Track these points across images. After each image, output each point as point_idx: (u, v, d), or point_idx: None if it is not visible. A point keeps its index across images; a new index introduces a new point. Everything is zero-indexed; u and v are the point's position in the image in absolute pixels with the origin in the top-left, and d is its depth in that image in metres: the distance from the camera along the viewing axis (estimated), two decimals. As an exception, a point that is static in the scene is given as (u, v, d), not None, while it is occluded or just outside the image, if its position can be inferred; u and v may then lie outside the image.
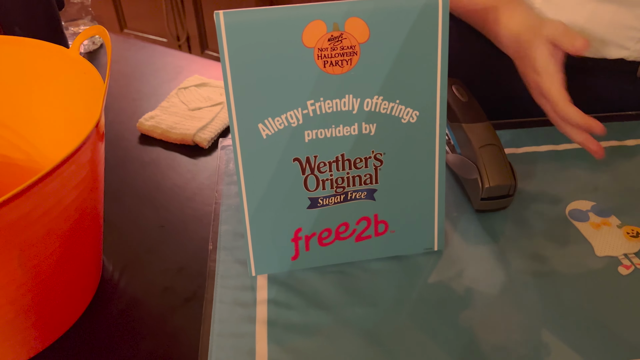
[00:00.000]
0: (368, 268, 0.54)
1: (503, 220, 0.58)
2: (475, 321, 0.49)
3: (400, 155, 0.50)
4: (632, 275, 0.52)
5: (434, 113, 0.49)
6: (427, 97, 0.48)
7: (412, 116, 0.49)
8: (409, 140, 0.49)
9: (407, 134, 0.49)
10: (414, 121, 0.49)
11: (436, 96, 0.48)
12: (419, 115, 0.49)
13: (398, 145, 0.50)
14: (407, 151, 0.50)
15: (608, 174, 0.64)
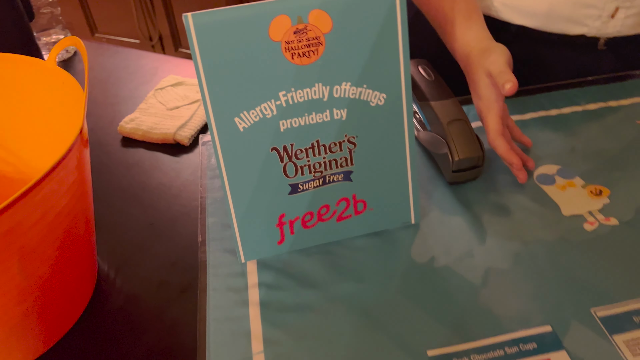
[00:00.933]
0: (351, 245, 0.57)
1: (475, 190, 0.62)
2: (457, 287, 0.52)
3: (372, 137, 0.53)
4: (597, 231, 0.56)
5: (400, 94, 0.52)
6: (392, 80, 0.51)
7: (380, 99, 0.51)
8: (378, 121, 0.52)
9: (377, 116, 0.52)
10: (382, 104, 0.52)
11: (401, 78, 0.51)
12: (387, 97, 0.51)
13: (369, 128, 0.52)
14: (378, 132, 0.53)
15: (572, 138, 0.68)
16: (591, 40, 0.74)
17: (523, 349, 0.46)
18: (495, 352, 0.46)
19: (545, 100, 0.74)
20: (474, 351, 0.46)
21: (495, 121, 0.59)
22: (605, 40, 0.74)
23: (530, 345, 0.46)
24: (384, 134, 0.53)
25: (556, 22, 0.73)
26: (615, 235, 0.55)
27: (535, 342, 0.46)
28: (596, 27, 0.72)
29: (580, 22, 0.72)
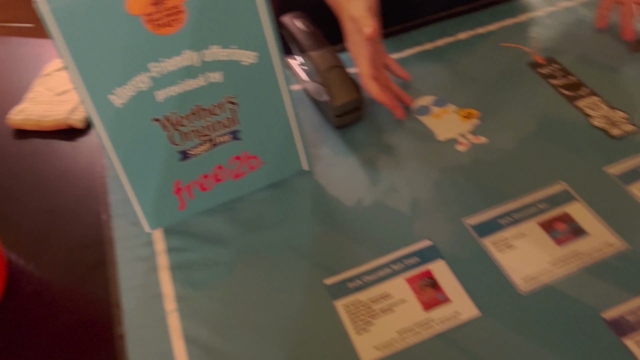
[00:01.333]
0: (252, 199, 0.60)
1: (360, 131, 0.66)
2: (348, 220, 0.57)
3: (251, 95, 0.55)
4: (469, 150, 0.62)
5: (269, 49, 0.54)
6: (259, 37, 0.53)
7: (252, 57, 0.54)
8: (254, 79, 0.55)
9: (252, 74, 0.54)
10: (255, 62, 0.54)
11: (266, 34, 0.53)
12: (259, 55, 0.54)
13: (247, 87, 0.55)
14: (256, 89, 0.55)
15: (445, 68, 0.73)
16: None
17: (407, 264, 0.52)
18: (383, 270, 0.52)
19: (420, 35, 0.78)
20: (364, 274, 0.52)
21: (365, 65, 0.63)
22: None
23: (413, 260, 0.52)
24: (262, 90, 0.56)
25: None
26: (484, 152, 0.62)
27: (417, 257, 0.53)
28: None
29: None
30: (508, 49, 0.74)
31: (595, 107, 0.64)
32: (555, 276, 0.50)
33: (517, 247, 0.52)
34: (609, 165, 0.58)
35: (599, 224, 0.53)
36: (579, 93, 0.66)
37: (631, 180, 0.56)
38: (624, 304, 0.47)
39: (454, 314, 0.48)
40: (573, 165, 0.59)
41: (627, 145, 0.60)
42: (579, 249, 0.51)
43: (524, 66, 0.71)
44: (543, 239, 0.52)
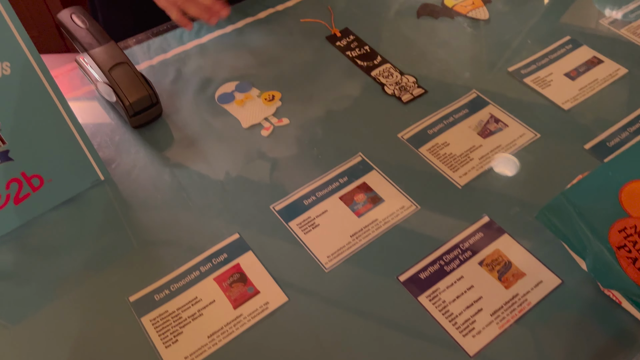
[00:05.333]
0: (42, 222, 0.54)
1: (162, 128, 0.63)
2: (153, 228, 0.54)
3: (13, 109, 0.49)
4: (272, 134, 0.62)
5: (25, 57, 0.48)
6: (6, 44, 0.47)
7: (5, 68, 0.48)
8: (14, 91, 0.49)
9: (8, 86, 0.48)
10: (9, 73, 0.48)
11: (16, 39, 0.47)
12: (11, 65, 0.48)
13: (5, 100, 0.48)
14: (19, 102, 0.49)
15: (247, 50, 0.71)
16: None
17: (216, 263, 0.51)
18: (192, 274, 0.50)
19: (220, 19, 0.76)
20: (172, 282, 0.49)
21: None
22: None
23: (221, 257, 0.51)
24: (26, 103, 0.50)
25: None
26: (287, 134, 0.62)
27: (226, 252, 0.51)
28: None
29: None
30: (308, 25, 0.75)
31: (388, 75, 0.67)
32: (355, 247, 0.51)
33: (321, 225, 0.53)
34: (402, 131, 0.61)
35: (394, 189, 0.55)
36: (373, 62, 0.69)
37: (421, 143, 0.60)
38: (416, 265, 0.50)
39: (264, 305, 0.48)
40: (370, 136, 0.61)
41: (416, 108, 0.63)
42: (376, 216, 0.53)
43: (323, 41, 0.72)
44: (344, 213, 0.54)
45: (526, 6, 0.76)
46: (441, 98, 0.64)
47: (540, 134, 0.59)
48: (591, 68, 0.66)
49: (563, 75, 0.65)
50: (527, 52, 0.69)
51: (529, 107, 0.63)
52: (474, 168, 0.57)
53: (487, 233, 0.52)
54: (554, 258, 0.49)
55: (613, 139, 0.58)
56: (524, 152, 0.58)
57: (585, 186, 0.41)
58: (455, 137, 0.60)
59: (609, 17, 0.73)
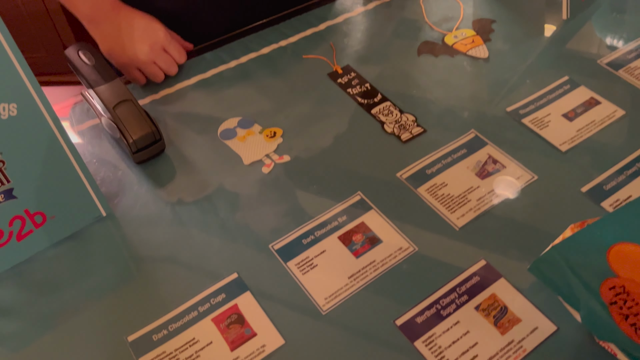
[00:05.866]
0: (43, 257, 0.55)
1: (164, 163, 0.64)
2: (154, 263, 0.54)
3: (18, 149, 0.50)
4: (273, 171, 0.62)
5: (32, 99, 0.49)
6: (15, 87, 0.48)
7: (12, 110, 0.49)
8: (20, 131, 0.50)
9: (15, 127, 0.49)
10: (15, 114, 0.49)
11: (24, 82, 0.48)
12: (18, 106, 0.49)
13: (11, 141, 0.50)
14: (24, 142, 0.50)
15: (250, 86, 0.72)
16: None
17: (214, 303, 0.51)
18: (190, 314, 0.50)
19: (224, 53, 0.77)
20: (170, 321, 0.50)
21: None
22: None
23: (220, 297, 0.52)
24: (31, 142, 0.51)
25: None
26: (287, 171, 0.62)
27: (224, 292, 0.52)
28: None
29: None
30: (310, 61, 0.76)
31: (388, 113, 0.68)
32: (353, 289, 0.52)
33: (319, 265, 0.53)
34: (401, 170, 0.62)
35: (392, 229, 0.56)
36: (374, 100, 0.70)
37: (420, 183, 0.60)
38: (413, 308, 0.50)
39: (260, 348, 0.48)
40: (370, 175, 0.62)
41: (415, 147, 0.64)
42: (374, 257, 0.54)
43: (324, 77, 0.73)
44: (343, 253, 0.54)
45: (525, 44, 0.77)
46: (440, 137, 0.65)
47: (537, 176, 0.60)
48: (589, 109, 0.67)
49: (561, 116, 0.66)
50: (525, 91, 0.70)
51: (527, 148, 0.63)
52: (472, 210, 0.57)
53: (484, 277, 0.52)
54: (550, 304, 0.50)
55: (609, 182, 0.59)
56: (521, 194, 0.59)
57: (575, 243, 0.42)
58: (454, 177, 0.60)
59: (607, 57, 0.74)
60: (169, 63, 0.71)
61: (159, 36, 0.70)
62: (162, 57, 0.70)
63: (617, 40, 0.77)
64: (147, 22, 0.70)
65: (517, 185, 0.59)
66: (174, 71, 0.72)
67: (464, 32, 0.78)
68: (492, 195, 0.58)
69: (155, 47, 0.69)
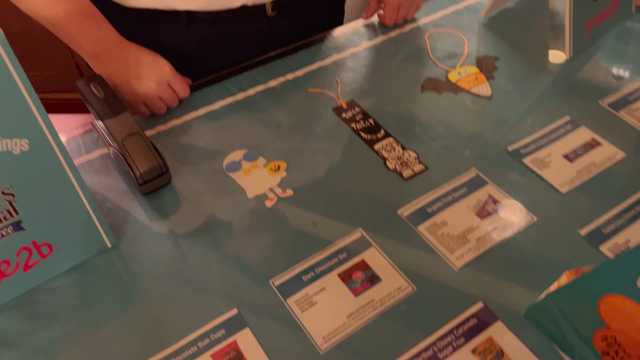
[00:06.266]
0: (48, 288, 0.56)
1: (170, 195, 0.65)
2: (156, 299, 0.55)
3: (29, 182, 0.52)
4: (276, 205, 0.64)
5: (43, 134, 0.51)
6: (28, 123, 0.50)
7: (23, 145, 0.50)
8: (31, 166, 0.51)
9: (26, 161, 0.51)
10: (27, 149, 0.50)
11: (36, 118, 0.50)
12: (30, 142, 0.50)
13: (22, 175, 0.51)
14: (34, 176, 0.52)
15: (256, 118, 0.74)
16: (259, 9, 0.79)
17: (213, 339, 0.52)
18: (190, 349, 0.51)
19: (231, 85, 0.79)
20: (170, 356, 0.51)
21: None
22: (271, 5, 0.80)
23: (219, 333, 0.52)
24: (41, 176, 0.52)
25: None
26: (290, 205, 0.63)
27: (224, 328, 0.53)
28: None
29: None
30: (316, 95, 0.77)
31: (391, 149, 0.69)
32: (351, 329, 0.52)
33: (318, 303, 0.54)
34: (402, 207, 0.63)
35: (391, 268, 0.57)
36: (377, 136, 0.71)
37: (420, 221, 0.61)
38: (410, 350, 0.51)
39: (258, 385, 0.49)
40: (370, 211, 0.63)
41: (416, 185, 0.65)
42: (373, 296, 0.54)
43: (329, 111, 0.75)
44: (342, 291, 0.55)
45: (528, 83, 0.78)
46: (441, 175, 0.66)
47: (537, 217, 0.61)
48: (589, 150, 0.68)
49: (562, 156, 0.67)
50: (527, 130, 0.71)
51: (527, 188, 0.64)
52: (471, 250, 0.58)
53: (481, 319, 0.52)
54: (546, 349, 0.50)
55: (609, 226, 0.59)
56: (520, 236, 0.59)
57: (569, 292, 0.42)
58: (454, 216, 0.61)
59: (608, 98, 0.75)
60: (173, 98, 0.73)
61: (165, 72, 0.71)
62: (167, 93, 0.72)
63: (618, 80, 0.78)
64: (152, 58, 0.72)
65: (517, 226, 0.60)
66: (175, 104, 0.75)
67: (468, 70, 0.80)
68: (491, 236, 0.59)
69: (161, 83, 0.71)
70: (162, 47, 0.76)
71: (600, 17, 0.83)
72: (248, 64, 0.82)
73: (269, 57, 0.84)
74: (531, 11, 0.92)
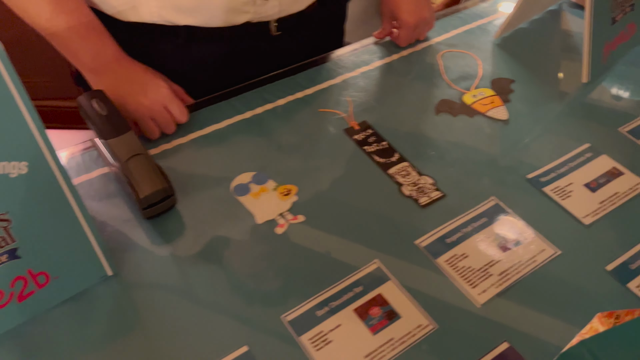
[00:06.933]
0: (45, 319, 0.52)
1: (174, 219, 0.61)
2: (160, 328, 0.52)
3: (27, 208, 0.48)
4: (286, 232, 0.60)
5: (43, 156, 0.47)
6: (27, 145, 0.46)
7: (22, 168, 0.47)
8: (29, 190, 0.48)
9: (25, 185, 0.47)
10: (26, 172, 0.47)
11: (36, 140, 0.47)
12: (29, 164, 0.47)
13: (19, 200, 0.47)
14: (34, 201, 0.48)
15: (264, 138, 0.71)
16: (262, 27, 0.76)
17: (222, 379, 0.49)
18: (196, 391, 0.48)
19: (239, 103, 0.76)
20: (175, 399, 0.47)
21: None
22: (276, 24, 0.77)
23: (228, 373, 0.49)
24: (41, 201, 0.49)
25: (217, 15, 0.72)
26: (302, 233, 0.60)
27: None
28: (257, 11, 0.73)
29: (239, 9, 0.72)
30: (326, 115, 0.74)
31: (406, 174, 0.66)
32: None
33: (334, 341, 0.51)
34: (419, 238, 0.60)
35: (411, 304, 0.54)
36: (390, 160, 0.68)
37: (439, 253, 0.58)
38: (433, 394, 0.48)
39: None
40: (387, 241, 0.59)
41: (433, 213, 0.62)
42: (392, 335, 0.51)
43: (340, 133, 0.72)
44: (359, 329, 0.52)
45: (545, 107, 0.76)
46: (459, 203, 0.63)
47: (561, 251, 0.58)
48: (611, 180, 0.65)
49: (583, 185, 0.65)
50: (546, 157, 0.68)
51: (549, 219, 0.61)
52: (493, 285, 0.55)
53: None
54: (577, 395, 0.47)
55: (635, 262, 0.57)
56: (543, 270, 0.57)
57: (608, 340, 0.40)
58: (474, 248, 0.58)
59: (628, 125, 0.73)
60: (167, 122, 0.68)
61: (161, 93, 0.67)
62: (162, 116, 0.68)
63: (637, 106, 0.76)
64: (150, 77, 0.68)
65: (540, 260, 0.57)
66: (170, 130, 0.69)
67: (483, 92, 0.77)
68: (514, 270, 0.56)
69: (155, 104, 0.67)
70: (161, 64, 0.73)
71: (618, 40, 0.81)
72: (255, 81, 0.80)
73: (276, 74, 0.81)
74: (545, 32, 0.90)
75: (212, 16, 0.72)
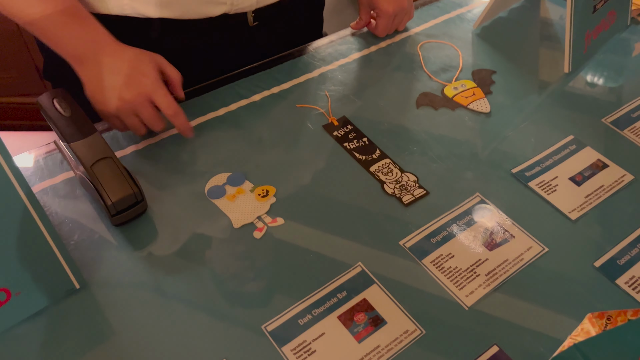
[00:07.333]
0: (8, 337, 0.49)
1: (145, 225, 0.58)
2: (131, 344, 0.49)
3: (-18, 221, 0.45)
4: (265, 236, 0.57)
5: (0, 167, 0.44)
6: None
7: (-27, 178, 0.43)
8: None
9: (-22, 197, 0.44)
10: (-22, 182, 0.43)
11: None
12: (-19, 174, 0.43)
13: (-28, 213, 0.44)
14: (-11, 213, 0.45)
15: (240, 136, 0.68)
16: (240, 18, 0.73)
17: (200, 396, 0.46)
18: (173, 411, 0.45)
19: (213, 99, 0.72)
20: (150, 420, 0.45)
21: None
22: (253, 15, 0.74)
23: (207, 389, 0.46)
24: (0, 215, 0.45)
25: (193, 6, 0.69)
26: (281, 237, 0.57)
27: (212, 383, 0.47)
28: (233, 3, 0.70)
29: (215, 1, 0.69)
30: (304, 110, 0.72)
31: (388, 171, 0.64)
32: (356, 381, 0.47)
33: (317, 351, 0.48)
34: (404, 238, 0.57)
35: (397, 308, 0.51)
36: (372, 156, 0.66)
37: (425, 254, 0.56)
38: (422, 403, 0.46)
39: None
40: (370, 242, 0.57)
41: (417, 211, 0.60)
42: (378, 342, 0.49)
43: (319, 129, 0.69)
44: (343, 337, 0.49)
45: (527, 99, 0.74)
46: (443, 201, 0.61)
47: (548, 248, 0.57)
48: (596, 173, 0.64)
49: (568, 179, 0.63)
50: (530, 151, 0.67)
51: (535, 215, 0.60)
52: (481, 286, 0.53)
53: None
54: (570, 399, 0.46)
55: (623, 256, 0.56)
56: (531, 269, 0.55)
57: (602, 343, 0.38)
58: (460, 248, 0.56)
59: (611, 116, 0.71)
60: (152, 117, 0.62)
61: (145, 84, 0.61)
62: (146, 110, 0.61)
63: (618, 96, 0.76)
64: (136, 65, 0.61)
65: (527, 258, 0.56)
66: (158, 127, 0.63)
67: (464, 84, 0.75)
68: (501, 269, 0.55)
69: (138, 97, 0.60)
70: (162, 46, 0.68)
71: (599, 29, 0.80)
72: (229, 75, 0.76)
73: (251, 68, 0.78)
74: (524, 21, 0.89)
75: (187, 9, 0.69)
